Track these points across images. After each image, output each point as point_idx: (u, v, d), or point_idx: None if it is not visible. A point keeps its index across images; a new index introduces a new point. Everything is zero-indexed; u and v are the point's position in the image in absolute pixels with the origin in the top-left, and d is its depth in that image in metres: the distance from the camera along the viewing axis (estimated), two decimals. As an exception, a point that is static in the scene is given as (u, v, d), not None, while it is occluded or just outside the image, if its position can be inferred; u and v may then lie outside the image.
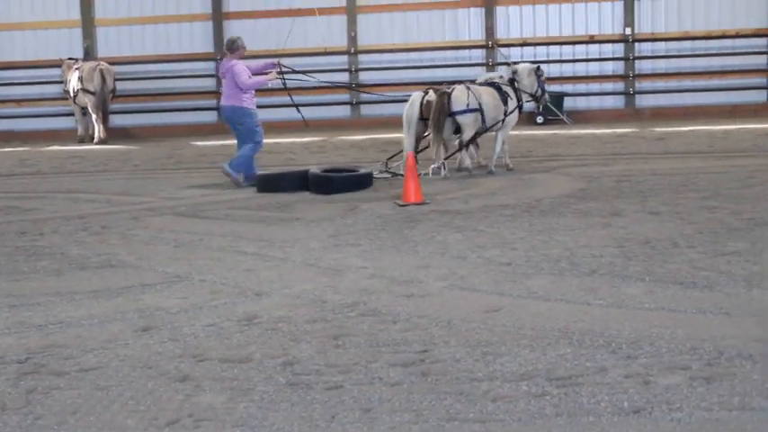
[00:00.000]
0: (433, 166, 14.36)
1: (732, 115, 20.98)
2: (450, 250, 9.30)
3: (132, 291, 8.20)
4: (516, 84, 14.98)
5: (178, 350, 6.51)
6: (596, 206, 11.37)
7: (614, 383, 5.56)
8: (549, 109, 21.39)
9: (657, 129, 19.79)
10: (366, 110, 23.30)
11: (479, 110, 14.38)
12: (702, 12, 22.26)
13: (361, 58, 23.17)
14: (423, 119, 14.63)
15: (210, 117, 23.58)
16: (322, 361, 6.15)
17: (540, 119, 21.73)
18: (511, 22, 22.87)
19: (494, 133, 14.77)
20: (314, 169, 13.64)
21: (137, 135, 22.92)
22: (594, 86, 23.04)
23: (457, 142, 14.85)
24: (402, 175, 13.52)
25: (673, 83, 22.44)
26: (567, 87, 22.55)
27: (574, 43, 22.62)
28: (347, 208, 11.86)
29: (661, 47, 22.58)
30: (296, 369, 6.02)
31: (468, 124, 14.46)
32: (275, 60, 15.05)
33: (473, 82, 15.17)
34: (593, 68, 22.88)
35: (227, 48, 14.37)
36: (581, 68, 22.86)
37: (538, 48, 22.74)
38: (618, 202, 11.54)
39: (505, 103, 14.69)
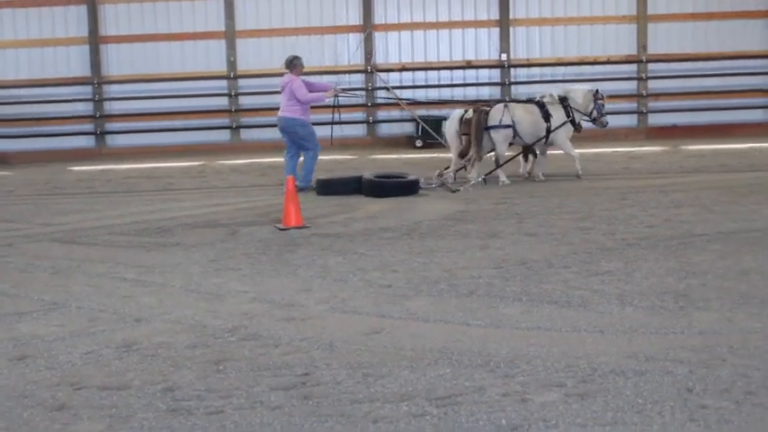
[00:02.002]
0: (472, 181, 15.43)
1: (605, 138, 21.49)
2: (331, 273, 9.34)
3: (7, 319, 8.02)
4: (567, 102, 15.93)
5: (55, 378, 6.40)
6: (475, 228, 11.55)
7: (492, 402, 5.66)
8: (428, 133, 21.67)
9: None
10: (246, 134, 23.23)
11: (512, 126, 15.50)
12: (575, 39, 22.83)
13: (241, 82, 23.09)
14: (464, 134, 15.80)
15: (88, 142, 23.20)
16: (203, 386, 6.12)
17: (419, 143, 21.98)
18: (390, 48, 23.09)
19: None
20: (367, 175, 15.13)
21: (12, 160, 22.42)
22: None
23: (493, 159, 15.90)
24: (451, 188, 15.16)
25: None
26: (446, 112, 22.80)
27: (451, 68, 22.95)
28: (227, 232, 11.81)
29: (536, 72, 23.06)
30: (176, 395, 5.98)
31: (499, 140, 15.64)
32: (333, 84, 16.90)
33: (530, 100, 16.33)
34: (471, 93, 23.22)
35: (287, 65, 15.72)
36: (459, 93, 23.16)
37: (416, 72, 23.02)
38: (495, 224, 11.74)
39: (547, 119, 15.67)
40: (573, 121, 15.98)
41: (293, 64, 15.59)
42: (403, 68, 22.91)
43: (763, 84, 22.83)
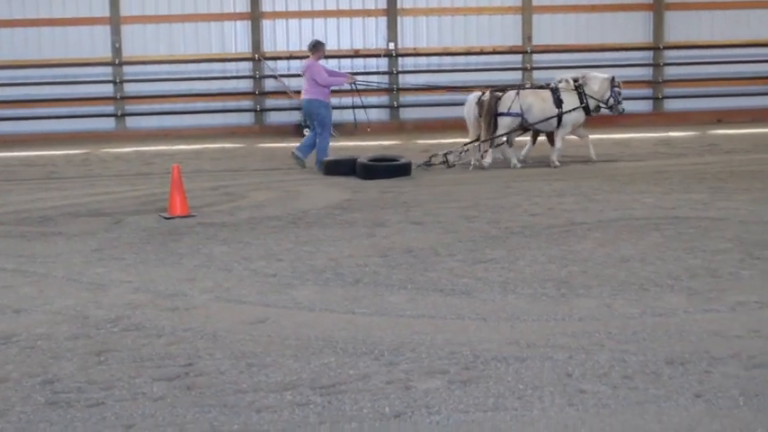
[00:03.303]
0: (484, 160, 15.90)
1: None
2: (216, 262, 9.28)
3: None
4: (582, 89, 16.11)
5: (-71, 372, 6.23)
6: (361, 217, 11.59)
7: (376, 390, 5.69)
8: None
9: (420, 141, 20.30)
10: (131, 122, 22.88)
11: (520, 114, 15.84)
12: (462, 29, 23.02)
13: (126, 69, 22.72)
14: (480, 116, 16.06)
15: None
16: (83, 378, 6.02)
17: (306, 131, 21.85)
18: (277, 36, 22.96)
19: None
20: (362, 159, 15.42)
21: None
22: (359, 99, 23.33)
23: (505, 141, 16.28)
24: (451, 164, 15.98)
25: (434, 97, 23.10)
26: (334, 100, 22.73)
27: (339, 57, 22.92)
28: (111, 221, 11.62)
29: (423, 62, 23.19)
30: (56, 387, 5.87)
31: (503, 125, 15.95)
32: (349, 72, 18.03)
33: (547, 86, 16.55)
34: (359, 81, 23.20)
35: (310, 49, 16.48)
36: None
37: (304, 61, 22.84)
38: (382, 213, 11.80)
39: (559, 105, 15.91)
40: (586, 108, 16.21)
41: (316, 48, 16.32)
42: (290, 57, 22.80)
43: (646, 75, 23.37)
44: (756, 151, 17.60)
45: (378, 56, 23.03)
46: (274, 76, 22.58)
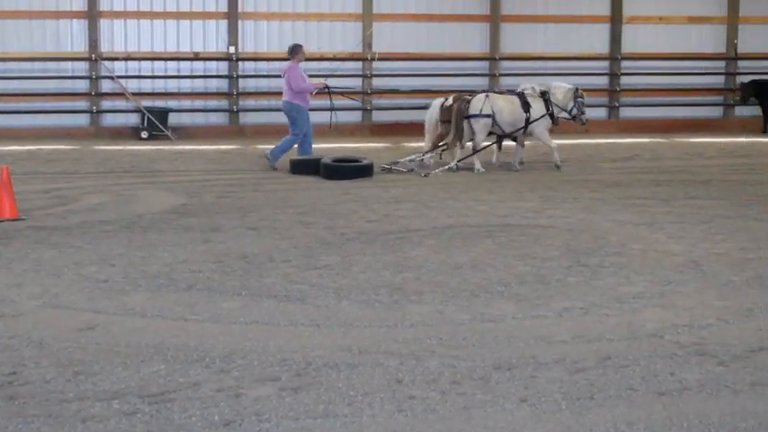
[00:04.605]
0: (449, 165, 16.40)
1: (334, 134, 21.71)
2: (46, 267, 9.04)
3: None
4: (547, 96, 16.68)
5: None
6: (197, 222, 11.47)
7: (206, 398, 5.65)
8: (154, 124, 21.38)
9: (260, 146, 20.19)
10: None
11: (491, 116, 16.30)
12: (304, 34, 22.96)
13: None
14: (443, 122, 16.65)
15: None
16: None
17: (144, 134, 21.59)
18: (115, 36, 22.48)
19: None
20: (325, 159, 15.71)
21: None
22: (199, 103, 23.20)
23: (471, 147, 16.73)
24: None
25: (274, 102, 23.04)
26: (172, 103, 22.53)
27: (179, 59, 22.62)
28: (-65, 225, 11.21)
29: (263, 66, 23.10)
30: None
31: (478, 129, 16.41)
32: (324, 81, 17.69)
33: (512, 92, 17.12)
34: (198, 85, 23.03)
35: (289, 52, 16.78)
36: (186, 85, 22.91)
37: (143, 62, 22.55)
38: (218, 218, 11.70)
39: (526, 110, 16.45)
40: (552, 115, 16.73)
41: (294, 51, 16.69)
42: (128, 57, 22.38)
43: (482, 84, 23.80)
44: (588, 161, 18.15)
45: (218, 59, 22.81)
46: (111, 77, 22.15)
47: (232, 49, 22.71)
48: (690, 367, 6.26)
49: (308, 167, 15.87)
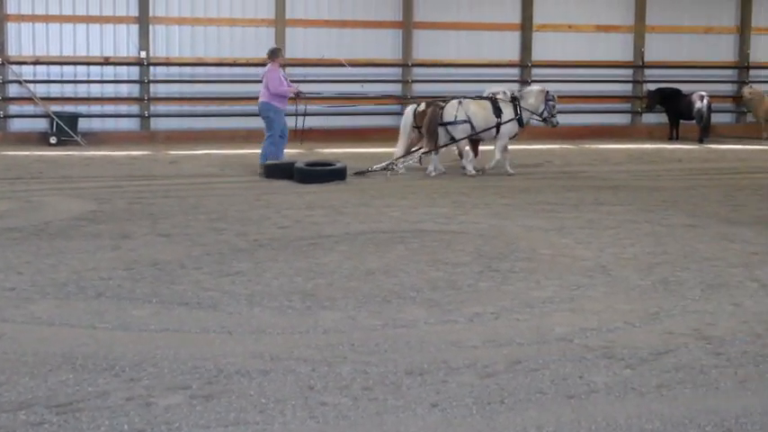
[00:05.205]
0: (430, 169, 16.85)
1: (246, 140, 21.60)
2: (-50, 276, 8.86)
3: None
4: (518, 101, 17.02)
5: None
6: (107, 228, 11.33)
7: (116, 407, 5.58)
8: (63, 129, 21.05)
9: (171, 152, 20.07)
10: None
11: (468, 121, 16.70)
12: (215, 40, 22.88)
13: None
14: (416, 127, 17.13)
15: None
16: None
17: (53, 139, 21.24)
18: (23, 39, 22.07)
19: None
20: (299, 163, 15.99)
21: None
22: (110, 108, 22.90)
23: (457, 152, 17.40)
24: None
25: (186, 107, 22.89)
26: (82, 108, 22.21)
27: (89, 64, 22.30)
28: None
29: (175, 71, 22.91)
30: None
31: (458, 135, 16.88)
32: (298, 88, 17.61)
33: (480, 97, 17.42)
34: (109, 90, 22.72)
35: (269, 55, 17.04)
36: (96, 90, 22.59)
37: (52, 67, 22.17)
38: (129, 225, 11.57)
39: (498, 115, 16.81)
40: (520, 120, 17.01)
41: (274, 54, 16.98)
42: (37, 62, 22.00)
43: (395, 90, 23.92)
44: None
45: (129, 64, 22.54)
46: (19, 81, 21.75)
47: (143, 54, 22.46)
48: (598, 370, 6.37)
49: (282, 172, 16.00)
